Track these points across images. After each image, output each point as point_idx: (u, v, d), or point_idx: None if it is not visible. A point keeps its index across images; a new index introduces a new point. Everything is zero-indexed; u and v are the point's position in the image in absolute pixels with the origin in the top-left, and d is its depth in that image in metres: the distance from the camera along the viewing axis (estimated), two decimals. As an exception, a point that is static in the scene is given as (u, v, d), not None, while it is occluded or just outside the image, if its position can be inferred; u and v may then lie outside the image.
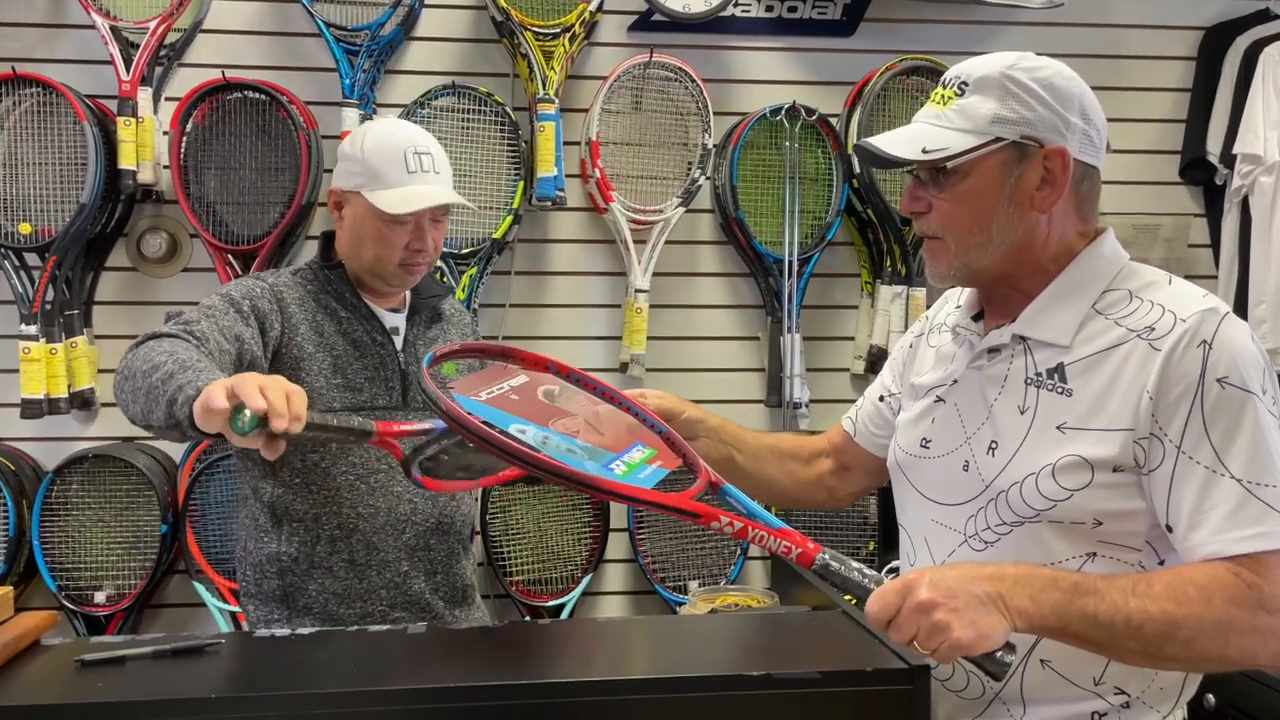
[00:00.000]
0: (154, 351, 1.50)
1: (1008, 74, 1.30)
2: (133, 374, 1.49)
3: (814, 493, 1.69)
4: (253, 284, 1.85)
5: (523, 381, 1.36)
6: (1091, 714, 1.29)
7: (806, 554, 1.21)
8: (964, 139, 1.30)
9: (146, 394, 1.44)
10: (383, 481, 1.86)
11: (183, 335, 1.60)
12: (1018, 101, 1.29)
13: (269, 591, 1.86)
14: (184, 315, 1.70)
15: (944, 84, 1.35)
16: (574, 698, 1.12)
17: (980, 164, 1.31)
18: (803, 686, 1.12)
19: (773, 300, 3.02)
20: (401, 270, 1.88)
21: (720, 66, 3.08)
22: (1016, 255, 1.34)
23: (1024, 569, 1.18)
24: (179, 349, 1.51)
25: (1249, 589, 1.16)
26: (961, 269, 1.35)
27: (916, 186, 1.36)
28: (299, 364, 1.82)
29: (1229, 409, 1.20)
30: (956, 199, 1.32)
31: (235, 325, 1.72)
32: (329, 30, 2.79)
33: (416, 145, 1.89)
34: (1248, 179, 3.00)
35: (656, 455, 1.31)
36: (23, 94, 2.72)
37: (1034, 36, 3.08)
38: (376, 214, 1.85)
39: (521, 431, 1.20)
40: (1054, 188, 1.31)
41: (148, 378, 1.45)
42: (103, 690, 1.14)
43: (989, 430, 1.34)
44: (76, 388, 2.77)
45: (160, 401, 1.40)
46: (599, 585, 3.04)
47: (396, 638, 1.34)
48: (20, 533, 2.71)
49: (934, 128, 1.33)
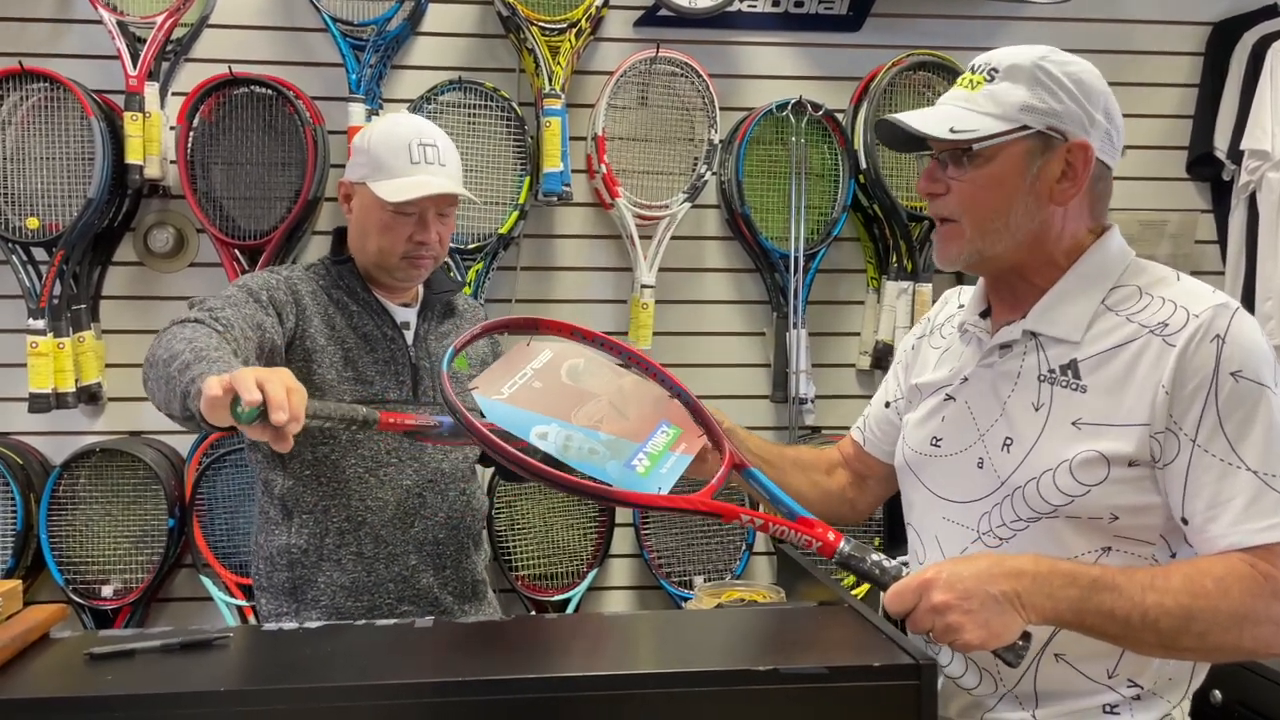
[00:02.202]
0: (175, 339, 1.50)
1: (1039, 64, 1.30)
2: (156, 362, 1.49)
3: (837, 505, 1.67)
4: (268, 276, 1.86)
5: (546, 360, 1.36)
6: (1103, 706, 1.29)
7: (828, 545, 1.23)
8: (992, 123, 1.30)
9: (166, 384, 1.44)
10: (392, 475, 1.86)
11: (207, 321, 1.59)
12: (1047, 92, 1.30)
13: (279, 585, 1.87)
14: (207, 302, 1.69)
15: (972, 69, 1.35)
16: (580, 692, 1.12)
17: (1005, 150, 1.30)
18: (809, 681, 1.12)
19: (778, 296, 3.02)
20: (405, 263, 1.88)
21: (726, 62, 3.07)
22: (1030, 246, 1.34)
23: (1044, 564, 1.18)
24: (199, 337, 1.50)
25: (1265, 580, 1.17)
26: (974, 254, 1.35)
27: (936, 168, 1.36)
28: (311, 356, 1.83)
29: (1243, 402, 1.21)
30: (978, 183, 1.32)
31: (256, 314, 1.73)
32: (335, 25, 2.79)
33: (422, 137, 1.89)
34: (1255, 175, 2.99)
35: (681, 436, 1.31)
36: (30, 89, 2.73)
37: (1041, 32, 3.07)
38: (380, 204, 1.85)
39: (543, 437, 1.22)
40: (1074, 182, 1.31)
41: (167, 366, 1.44)
42: (112, 683, 1.14)
43: (1003, 427, 1.34)
44: (84, 382, 2.78)
45: (176, 393, 1.40)
46: (604, 580, 3.05)
47: (403, 632, 1.34)
48: (28, 527, 2.72)
49: (962, 110, 1.33)
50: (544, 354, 1.37)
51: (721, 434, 1.37)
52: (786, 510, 1.29)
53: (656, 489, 1.22)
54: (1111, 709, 1.29)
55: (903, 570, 1.22)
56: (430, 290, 1.99)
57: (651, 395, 1.39)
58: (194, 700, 1.10)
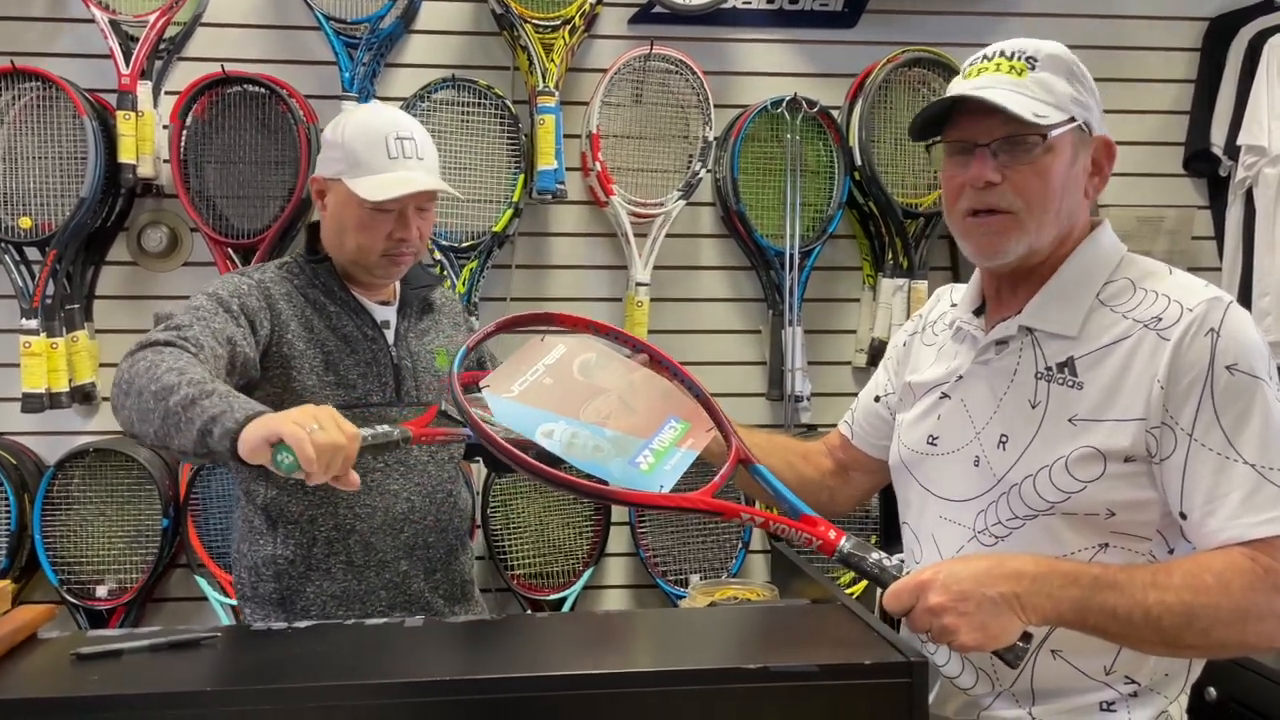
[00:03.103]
0: (158, 369, 1.45)
1: (1069, 59, 1.31)
2: (138, 391, 1.44)
3: (816, 491, 1.64)
4: (240, 281, 1.78)
5: (560, 355, 1.36)
6: (1100, 704, 1.29)
7: (828, 543, 1.22)
8: (1056, 113, 1.29)
9: (163, 417, 1.40)
10: (379, 480, 1.82)
11: (177, 343, 1.54)
12: (1082, 86, 1.31)
13: (265, 595, 1.82)
14: (174, 319, 1.63)
15: (1006, 55, 1.32)
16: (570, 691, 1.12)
17: (1062, 140, 1.30)
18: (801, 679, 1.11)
19: (774, 293, 3.01)
20: (385, 261, 1.82)
21: (721, 59, 3.07)
22: (1061, 238, 1.34)
23: (1044, 564, 1.18)
24: (187, 366, 1.46)
25: (1266, 574, 1.16)
26: (1028, 247, 1.32)
27: (986, 155, 1.30)
28: (289, 362, 1.77)
29: (1239, 395, 1.20)
30: (1040, 173, 1.29)
31: (226, 327, 1.67)
32: (329, 23, 2.78)
33: (399, 130, 1.81)
34: (1252, 170, 2.98)
35: (688, 432, 1.31)
36: (22, 88, 2.72)
37: (1037, 27, 3.06)
38: (358, 202, 1.78)
39: (548, 434, 1.23)
40: (1101, 176, 1.33)
41: (161, 400, 1.41)
42: (98, 684, 1.14)
43: (999, 424, 1.34)
44: (77, 382, 2.77)
45: (186, 429, 1.37)
46: (600, 579, 3.04)
47: (393, 631, 1.33)
48: (22, 527, 2.71)
49: (1024, 97, 1.28)
50: (558, 349, 1.37)
51: (731, 429, 1.36)
52: (789, 508, 1.28)
53: (658, 487, 1.22)
54: (1108, 706, 1.29)
55: (904, 569, 1.21)
56: (407, 286, 1.94)
57: (661, 389, 1.39)
58: (181, 700, 1.10)
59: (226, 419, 1.33)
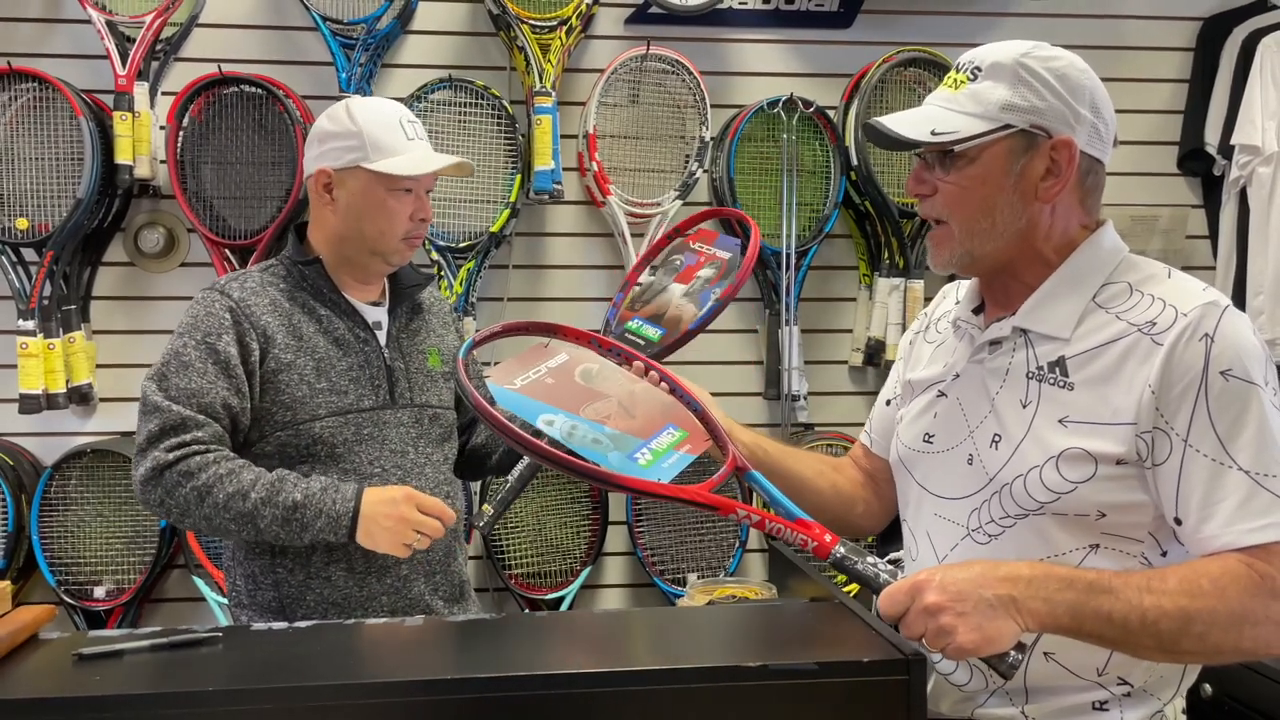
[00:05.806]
0: (230, 480, 1.69)
1: (1021, 61, 1.29)
2: (224, 506, 1.68)
3: (851, 504, 1.60)
4: (221, 315, 1.76)
5: (562, 361, 1.37)
6: (1093, 704, 1.29)
7: (823, 546, 1.22)
8: (974, 123, 1.29)
9: (283, 525, 1.69)
10: (378, 484, 1.79)
11: (213, 449, 1.71)
12: (1029, 89, 1.29)
13: (264, 603, 1.81)
14: (174, 410, 1.70)
15: (957, 68, 1.34)
16: (570, 689, 1.12)
17: (988, 150, 1.30)
18: (799, 677, 1.11)
19: (770, 293, 3.02)
20: (404, 245, 1.84)
21: (717, 59, 3.07)
22: (1019, 244, 1.33)
23: (1040, 569, 1.17)
24: (244, 469, 1.71)
25: (1262, 580, 1.16)
26: (965, 256, 1.34)
27: (923, 169, 1.35)
28: (277, 376, 1.76)
29: (1234, 401, 1.20)
30: (962, 183, 1.31)
31: (216, 387, 1.72)
32: (325, 24, 2.78)
33: (405, 114, 1.88)
34: (1245, 170, 3.00)
35: (686, 439, 1.32)
36: (19, 89, 2.72)
37: (1032, 27, 3.07)
38: (383, 183, 1.80)
39: (549, 423, 1.23)
40: (1059, 179, 1.30)
41: (268, 505, 1.68)
42: (100, 684, 1.14)
43: (992, 423, 1.34)
44: (74, 383, 2.77)
45: (303, 528, 1.69)
46: (598, 578, 3.05)
47: (393, 630, 1.34)
48: (19, 528, 2.71)
49: (945, 110, 1.32)
50: (560, 356, 1.38)
51: (727, 440, 1.35)
52: (785, 511, 1.28)
53: (656, 480, 1.22)
54: (1101, 705, 1.29)
55: (898, 574, 1.21)
56: (398, 285, 1.93)
57: (661, 402, 1.39)
58: (182, 700, 1.10)
59: (339, 510, 1.69)
